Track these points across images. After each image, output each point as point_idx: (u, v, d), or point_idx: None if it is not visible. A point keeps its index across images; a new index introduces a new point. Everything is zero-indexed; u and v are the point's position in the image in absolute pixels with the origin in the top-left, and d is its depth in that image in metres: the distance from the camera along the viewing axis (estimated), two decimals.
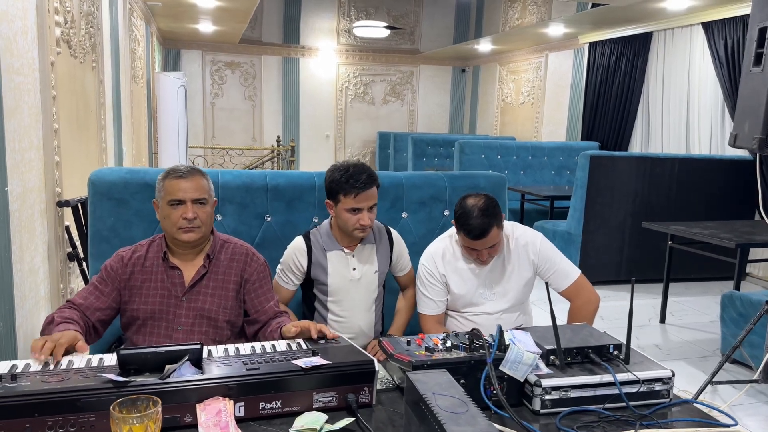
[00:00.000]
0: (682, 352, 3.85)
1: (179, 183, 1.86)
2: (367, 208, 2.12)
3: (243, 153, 10.25)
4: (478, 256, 2.17)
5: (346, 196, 2.09)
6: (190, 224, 1.85)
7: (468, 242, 2.14)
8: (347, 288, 2.25)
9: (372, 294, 2.30)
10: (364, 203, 2.10)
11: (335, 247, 2.24)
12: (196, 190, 1.87)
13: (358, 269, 2.26)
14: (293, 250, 2.25)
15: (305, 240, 2.25)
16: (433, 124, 11.56)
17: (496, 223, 2.10)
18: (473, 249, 2.15)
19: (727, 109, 5.73)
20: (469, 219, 2.08)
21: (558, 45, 8.56)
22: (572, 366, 1.56)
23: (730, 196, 5.45)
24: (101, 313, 1.85)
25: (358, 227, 2.13)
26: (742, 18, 5.45)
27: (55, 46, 2.84)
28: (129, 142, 5.60)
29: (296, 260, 2.24)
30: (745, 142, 2.70)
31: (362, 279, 2.27)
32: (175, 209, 1.85)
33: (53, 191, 2.80)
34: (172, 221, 1.85)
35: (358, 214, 2.11)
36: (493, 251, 2.17)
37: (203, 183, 1.91)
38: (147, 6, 6.95)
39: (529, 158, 7.17)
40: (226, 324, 1.91)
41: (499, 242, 2.17)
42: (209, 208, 1.92)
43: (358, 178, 2.08)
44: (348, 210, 2.11)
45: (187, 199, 1.85)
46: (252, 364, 1.43)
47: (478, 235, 2.08)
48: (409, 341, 1.62)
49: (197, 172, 1.92)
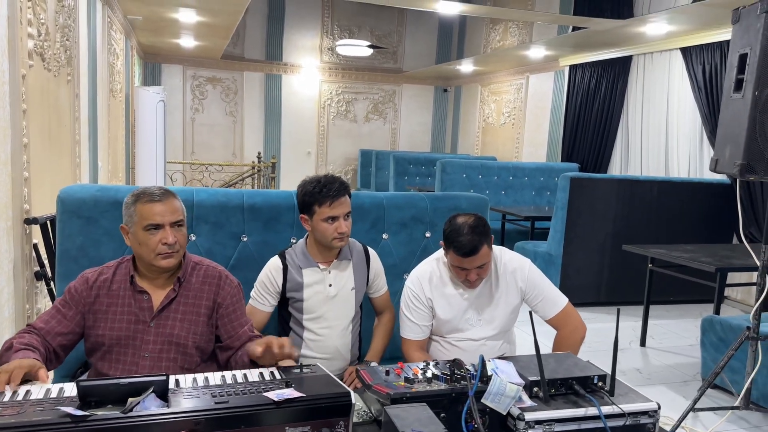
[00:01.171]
0: (662, 377, 3.83)
1: (154, 207, 1.77)
2: (343, 215, 2.12)
3: (222, 169, 10.14)
4: (467, 276, 2.12)
5: (321, 206, 2.10)
6: (171, 249, 1.77)
7: (457, 260, 2.09)
8: (323, 305, 2.22)
9: (349, 312, 2.26)
10: (340, 210, 2.11)
11: (310, 264, 2.22)
12: (173, 212, 1.79)
13: (334, 285, 2.22)
14: (268, 268, 2.22)
15: (281, 258, 2.22)
16: (415, 142, 11.58)
17: (486, 242, 2.07)
18: (462, 269, 2.11)
19: (705, 132, 5.79)
20: (459, 236, 2.05)
21: (539, 67, 8.64)
22: (556, 398, 1.50)
23: (710, 219, 5.49)
24: (63, 338, 1.76)
25: (336, 236, 2.13)
26: (719, 44, 5.54)
27: (27, 58, 2.76)
28: (105, 157, 5.49)
29: (272, 278, 2.20)
30: (726, 168, 2.70)
31: (338, 296, 2.23)
32: (152, 235, 1.76)
33: (21, 208, 2.70)
34: (150, 247, 1.76)
35: (335, 222, 2.11)
36: (483, 272, 2.13)
37: (178, 204, 1.83)
38: (127, 20, 6.88)
39: (510, 178, 7.18)
40: (195, 350, 1.82)
41: (488, 263, 2.13)
42: (185, 231, 1.85)
43: (330, 186, 2.11)
44: (324, 220, 2.11)
45: (165, 223, 1.77)
46: (221, 396, 1.35)
47: (468, 252, 2.04)
48: (387, 371, 1.56)
49: (170, 193, 1.84)
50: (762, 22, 2.48)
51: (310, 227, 2.17)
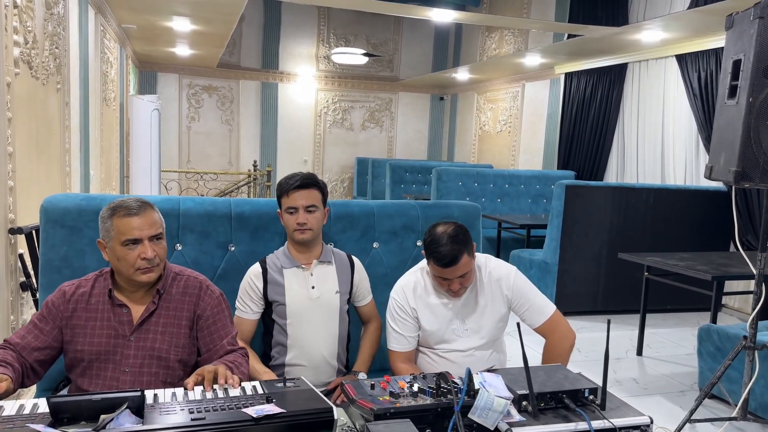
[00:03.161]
0: (659, 387, 3.78)
1: (132, 221, 1.71)
2: (303, 207, 2.15)
3: (218, 177, 10.11)
4: (449, 287, 2.08)
5: (282, 196, 2.19)
6: (150, 264, 1.72)
7: (438, 271, 2.05)
8: (307, 308, 2.18)
9: (334, 317, 2.22)
10: (300, 202, 2.14)
11: (292, 264, 2.21)
12: (150, 226, 1.73)
13: (317, 287, 2.20)
14: (248, 275, 2.22)
15: (261, 264, 2.22)
16: (412, 150, 11.55)
17: (467, 251, 2.03)
18: (444, 279, 2.07)
19: (701, 140, 5.77)
20: (439, 246, 2.01)
21: (534, 75, 8.63)
22: (545, 412, 1.46)
23: (706, 226, 5.46)
24: (40, 353, 1.70)
25: (296, 227, 2.15)
26: (714, 51, 5.53)
27: (13, 66, 2.72)
28: (98, 166, 5.45)
29: (252, 283, 2.18)
30: (720, 175, 2.66)
31: (321, 298, 2.20)
32: (131, 250, 1.71)
33: (5, 217, 2.66)
34: (128, 263, 1.71)
35: (295, 214, 2.15)
36: (465, 281, 2.09)
37: (156, 216, 1.78)
38: (122, 29, 6.85)
39: (506, 186, 7.16)
40: (178, 364, 1.77)
41: (470, 271, 2.09)
42: (164, 243, 1.80)
43: (293, 176, 2.19)
44: (286, 210, 2.17)
45: (144, 237, 1.71)
46: (198, 413, 1.31)
47: (448, 263, 2.00)
48: (373, 384, 1.52)
49: (147, 205, 1.77)
50: (755, 27, 2.46)
51: (283, 222, 2.22)
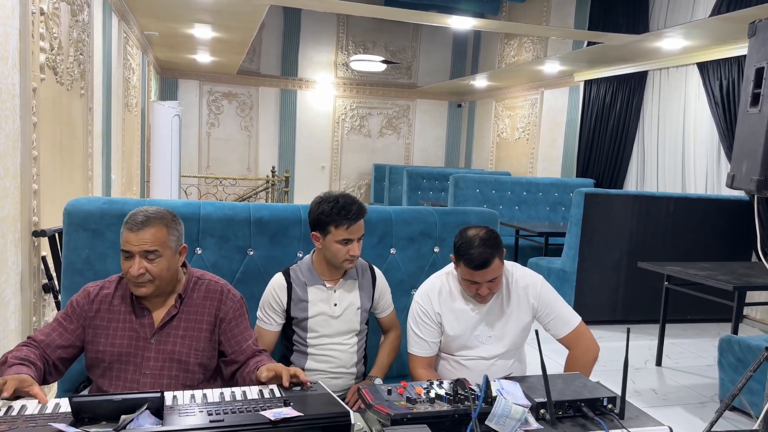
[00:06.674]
0: (679, 398, 3.73)
1: (129, 236, 1.73)
2: (357, 238, 2.10)
3: (237, 183, 10.19)
4: (477, 291, 2.07)
5: (338, 227, 2.06)
6: (137, 280, 1.73)
7: (468, 273, 2.04)
8: (328, 324, 2.18)
9: (353, 331, 2.22)
10: (356, 234, 2.08)
11: (316, 282, 2.18)
12: (143, 243, 1.71)
13: (339, 305, 2.19)
14: (272, 286, 2.18)
15: (285, 276, 2.19)
16: (429, 157, 11.55)
17: (498, 255, 2.02)
18: (473, 282, 2.06)
19: (722, 148, 5.70)
20: (470, 248, 2.00)
21: (553, 82, 8.59)
22: (563, 421, 1.45)
23: (727, 236, 5.38)
24: (63, 351, 1.73)
25: (348, 258, 2.10)
26: (737, 59, 5.46)
27: (39, 72, 2.78)
28: (119, 171, 5.52)
29: (276, 296, 2.16)
30: (742, 184, 2.63)
31: (343, 315, 2.19)
32: (126, 261, 1.74)
33: (29, 220, 2.70)
34: (125, 272, 1.75)
35: (349, 245, 2.08)
36: (494, 286, 2.08)
37: (159, 234, 1.74)
38: (144, 36, 6.96)
39: (523, 194, 7.12)
40: (198, 367, 1.79)
41: (499, 277, 2.08)
42: (164, 261, 1.75)
43: (349, 209, 2.06)
44: (339, 241, 2.07)
45: (135, 252, 1.72)
46: (217, 414, 1.32)
47: (480, 265, 1.99)
48: (390, 390, 1.52)
49: (155, 221, 1.74)
50: None
51: (321, 245, 2.12)
